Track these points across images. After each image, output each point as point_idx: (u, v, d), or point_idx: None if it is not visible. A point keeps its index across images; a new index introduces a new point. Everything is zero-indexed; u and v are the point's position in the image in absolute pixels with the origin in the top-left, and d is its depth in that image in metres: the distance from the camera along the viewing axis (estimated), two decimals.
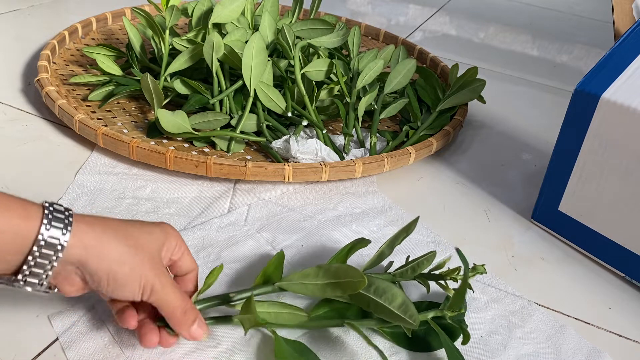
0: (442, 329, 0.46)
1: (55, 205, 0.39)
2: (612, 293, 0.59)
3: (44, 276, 0.38)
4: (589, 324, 0.54)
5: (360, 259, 0.57)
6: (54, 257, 0.38)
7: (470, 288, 0.51)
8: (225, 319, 0.47)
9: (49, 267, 0.38)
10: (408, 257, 0.51)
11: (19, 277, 0.38)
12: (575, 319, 0.55)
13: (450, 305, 0.46)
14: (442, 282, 0.50)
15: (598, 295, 0.58)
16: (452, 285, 0.51)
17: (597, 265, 0.62)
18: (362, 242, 0.53)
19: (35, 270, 0.38)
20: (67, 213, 0.39)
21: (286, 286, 0.47)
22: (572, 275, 0.60)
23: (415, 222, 0.50)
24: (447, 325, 0.48)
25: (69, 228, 0.38)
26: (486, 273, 0.50)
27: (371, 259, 0.51)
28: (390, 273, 0.51)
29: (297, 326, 0.48)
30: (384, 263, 0.53)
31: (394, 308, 0.43)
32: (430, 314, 0.47)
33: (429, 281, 0.52)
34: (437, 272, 0.51)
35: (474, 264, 0.50)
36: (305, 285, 0.46)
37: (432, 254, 0.49)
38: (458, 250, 0.48)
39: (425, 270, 0.51)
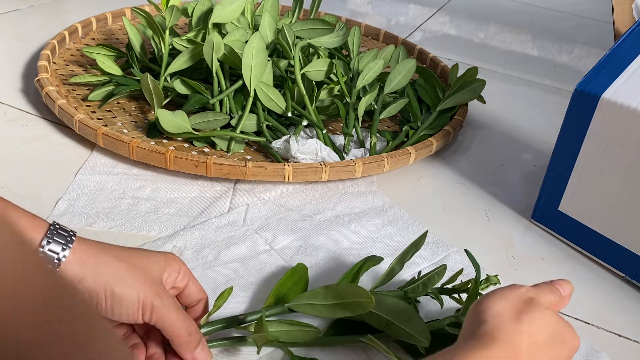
0: None
1: (61, 225, 0.40)
2: (612, 293, 0.59)
3: None
4: (588, 323, 0.54)
5: (372, 276, 0.56)
6: None
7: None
8: (238, 340, 0.46)
9: None
10: (420, 272, 0.50)
11: None
12: (575, 318, 0.55)
13: (464, 310, 0.45)
14: (456, 295, 0.49)
15: (598, 295, 0.58)
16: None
17: (597, 265, 0.62)
18: (372, 260, 0.52)
19: None
20: (70, 233, 0.40)
21: (295, 307, 0.46)
22: (572, 275, 0.60)
23: (424, 237, 0.50)
24: None
25: (69, 245, 0.39)
26: (500, 284, 0.48)
27: (381, 277, 0.50)
28: (401, 290, 0.49)
29: (312, 344, 0.47)
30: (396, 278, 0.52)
31: (405, 326, 0.42)
32: (445, 321, 0.46)
33: (443, 296, 0.50)
34: (449, 285, 0.50)
35: (487, 275, 0.48)
36: (314, 305, 0.45)
37: (442, 268, 0.48)
38: (468, 253, 0.46)
39: (438, 285, 0.49)
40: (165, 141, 0.71)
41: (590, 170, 0.59)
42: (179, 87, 0.74)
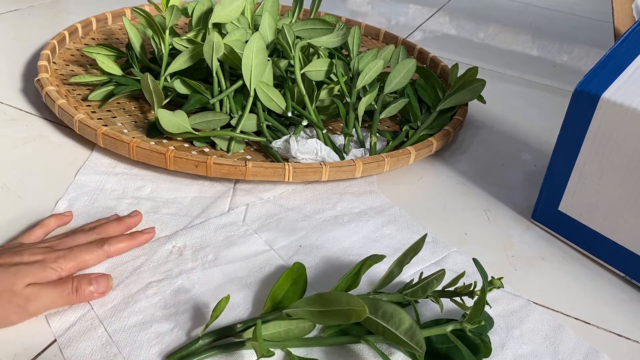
0: (463, 343, 0.45)
1: None
2: (612, 293, 0.59)
3: None
4: (589, 323, 0.54)
5: (370, 279, 0.55)
6: None
7: (487, 303, 0.48)
8: (237, 345, 0.46)
9: None
10: (421, 273, 0.49)
11: None
12: (576, 318, 0.55)
13: (470, 317, 0.45)
14: (458, 299, 0.48)
15: (598, 295, 0.58)
16: (468, 302, 0.49)
17: (597, 265, 0.62)
18: (374, 258, 0.52)
19: None
20: None
21: (293, 313, 0.46)
22: (572, 275, 0.60)
23: (422, 240, 0.49)
24: (468, 339, 0.46)
25: None
26: (503, 287, 0.48)
27: (380, 280, 0.50)
28: (401, 292, 0.49)
29: (312, 344, 0.47)
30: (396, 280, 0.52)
31: (400, 333, 0.42)
32: (449, 327, 0.45)
33: (444, 298, 0.50)
34: (451, 288, 0.49)
35: (492, 277, 0.47)
36: (312, 312, 0.45)
37: (441, 273, 0.47)
38: (476, 262, 0.46)
39: (439, 288, 0.48)
40: (165, 141, 0.71)
41: (590, 170, 0.59)
42: (179, 87, 0.74)
